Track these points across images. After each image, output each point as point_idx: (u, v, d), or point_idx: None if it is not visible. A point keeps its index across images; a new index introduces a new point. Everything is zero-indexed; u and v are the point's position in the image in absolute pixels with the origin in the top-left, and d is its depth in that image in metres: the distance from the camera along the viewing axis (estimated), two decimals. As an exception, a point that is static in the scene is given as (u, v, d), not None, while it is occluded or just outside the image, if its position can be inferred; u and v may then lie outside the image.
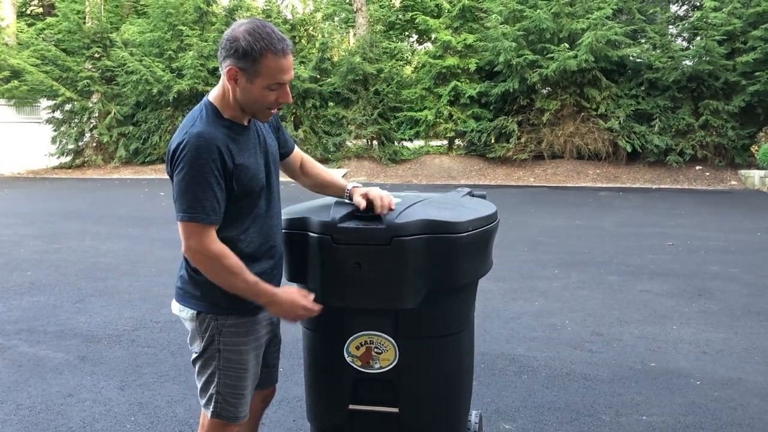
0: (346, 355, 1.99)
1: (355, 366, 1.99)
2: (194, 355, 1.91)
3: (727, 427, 2.88)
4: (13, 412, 3.08)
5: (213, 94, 1.83)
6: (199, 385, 1.92)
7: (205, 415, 1.93)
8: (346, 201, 2.03)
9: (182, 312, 1.90)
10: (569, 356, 3.77)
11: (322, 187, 2.14)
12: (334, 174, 2.25)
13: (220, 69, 1.78)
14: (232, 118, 1.80)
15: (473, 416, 2.36)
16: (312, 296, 1.87)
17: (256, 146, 1.86)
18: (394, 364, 1.96)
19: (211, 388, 1.88)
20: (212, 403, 1.89)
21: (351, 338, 1.98)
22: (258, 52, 1.69)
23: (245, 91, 1.74)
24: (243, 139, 1.81)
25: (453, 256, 1.91)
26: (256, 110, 1.81)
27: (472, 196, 2.40)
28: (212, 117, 1.77)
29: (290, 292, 1.84)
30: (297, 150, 2.13)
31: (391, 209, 1.90)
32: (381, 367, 1.98)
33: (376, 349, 1.97)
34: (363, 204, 1.90)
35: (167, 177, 1.83)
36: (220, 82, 1.81)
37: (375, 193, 1.92)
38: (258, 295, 1.79)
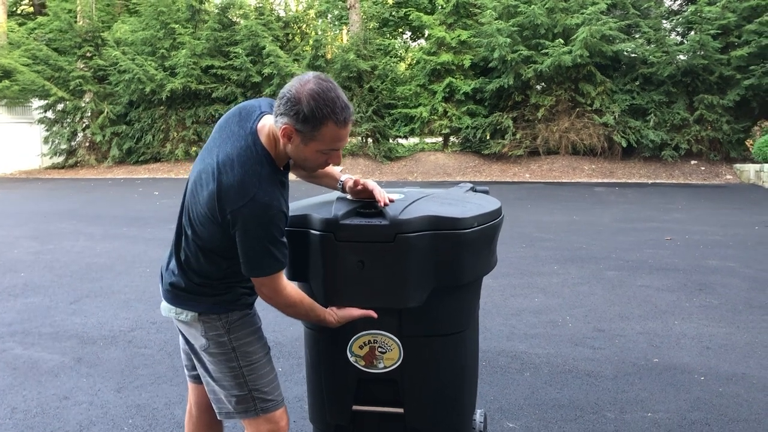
0: (349, 355, 1.95)
1: (358, 366, 1.95)
2: (209, 361, 1.88)
3: (735, 423, 2.85)
4: (8, 416, 3.03)
5: (264, 138, 1.74)
6: (233, 395, 1.89)
7: (249, 421, 1.93)
8: (348, 197, 1.99)
9: (180, 315, 1.85)
10: (571, 353, 3.74)
11: (316, 177, 2.11)
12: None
13: (274, 121, 1.70)
14: (282, 167, 1.79)
15: (478, 415, 2.32)
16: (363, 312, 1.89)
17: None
18: (398, 363, 1.92)
19: (245, 391, 1.88)
20: (249, 403, 1.89)
21: (354, 338, 1.93)
22: (319, 119, 1.64)
23: (297, 149, 1.71)
24: (287, 187, 1.80)
25: (458, 253, 1.87)
26: (305, 167, 1.82)
27: (475, 191, 2.36)
28: (272, 174, 1.72)
29: (344, 315, 1.88)
30: None
31: (391, 201, 1.89)
32: (385, 367, 1.93)
33: (380, 349, 1.92)
34: (359, 187, 1.93)
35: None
36: (270, 127, 1.74)
37: (372, 184, 1.91)
38: (326, 325, 1.89)
